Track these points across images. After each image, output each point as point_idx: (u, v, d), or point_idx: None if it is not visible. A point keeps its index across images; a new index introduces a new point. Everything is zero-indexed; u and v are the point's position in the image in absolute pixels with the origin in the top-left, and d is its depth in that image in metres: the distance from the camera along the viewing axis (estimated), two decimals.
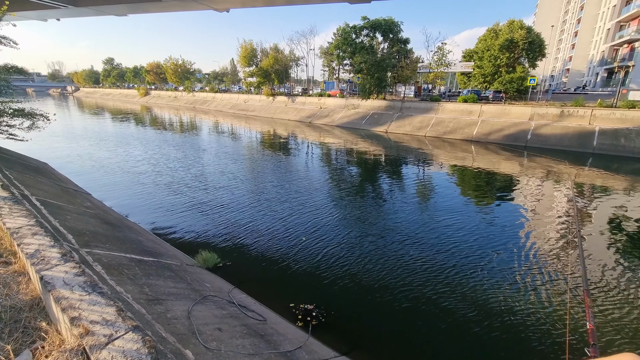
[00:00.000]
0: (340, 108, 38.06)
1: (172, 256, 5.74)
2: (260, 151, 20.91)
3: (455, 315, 5.50)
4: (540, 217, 10.36)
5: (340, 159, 19.59)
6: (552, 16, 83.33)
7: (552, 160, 19.20)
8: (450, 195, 12.54)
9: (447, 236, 8.53)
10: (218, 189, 12.14)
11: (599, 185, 14.35)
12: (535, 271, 6.94)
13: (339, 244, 7.89)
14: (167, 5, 13.19)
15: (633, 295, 6.16)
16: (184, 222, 8.95)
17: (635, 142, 20.80)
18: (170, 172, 14.26)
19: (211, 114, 47.33)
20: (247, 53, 49.05)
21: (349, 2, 11.71)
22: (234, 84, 70.71)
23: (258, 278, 6.41)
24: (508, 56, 33.33)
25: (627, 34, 43.55)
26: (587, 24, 63.63)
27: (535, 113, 25.43)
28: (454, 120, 28.50)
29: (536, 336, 5.07)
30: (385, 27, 40.39)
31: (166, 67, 69.52)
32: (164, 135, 25.87)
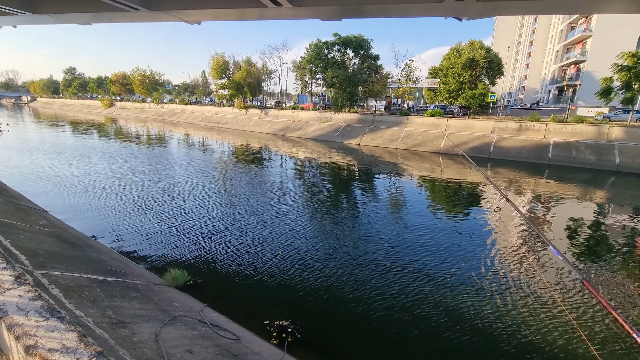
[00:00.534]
0: (314, 121, 38.48)
1: (138, 275, 5.43)
2: (232, 164, 20.55)
3: (429, 322, 5.60)
4: (503, 224, 10.91)
5: (314, 171, 19.68)
6: (508, 38, 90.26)
7: (513, 171, 20.44)
8: (420, 205, 12.93)
9: (418, 245, 8.75)
10: (188, 203, 11.73)
11: (556, 194, 15.41)
12: (501, 276, 7.26)
13: (314, 257, 7.85)
14: (135, 16, 12.85)
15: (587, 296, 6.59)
16: (151, 239, 8.53)
17: (584, 154, 22.66)
18: (137, 187, 13.62)
19: (181, 126, 46.09)
20: (219, 65, 48.66)
21: (320, 19, 11.95)
22: (205, 96, 69.56)
23: (231, 295, 6.20)
24: (470, 74, 35.51)
25: (573, 56, 47.99)
26: (539, 46, 69.49)
27: (497, 127, 27.09)
28: (423, 134, 29.67)
29: (503, 337, 5.27)
30: (356, 44, 41.75)
31: (133, 78, 67.25)
32: (130, 147, 24.79)
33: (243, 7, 11.17)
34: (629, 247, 9.40)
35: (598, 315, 5.94)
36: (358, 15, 11.89)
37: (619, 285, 7.08)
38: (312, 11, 11.33)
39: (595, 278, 7.34)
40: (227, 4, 11.05)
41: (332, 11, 11.16)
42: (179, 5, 11.41)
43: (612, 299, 6.52)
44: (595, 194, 15.96)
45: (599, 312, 6.05)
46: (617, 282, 7.21)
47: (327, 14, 11.67)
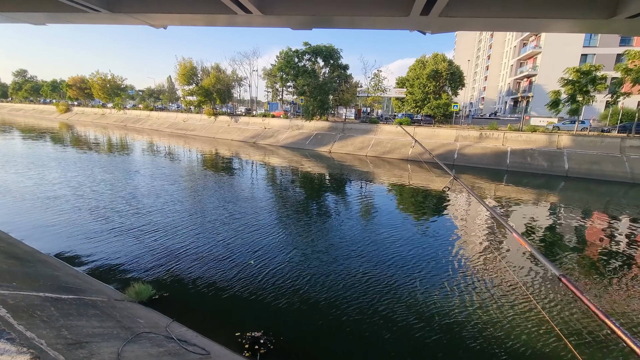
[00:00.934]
0: (285, 129, 38.42)
1: (97, 291, 5.08)
2: (201, 172, 19.94)
3: (403, 325, 5.71)
4: (468, 227, 11.45)
5: (286, 178, 19.58)
6: (468, 52, 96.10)
7: (476, 177, 21.57)
8: (390, 210, 13.25)
9: (389, 250, 8.94)
10: (153, 213, 11.19)
11: (515, 198, 16.44)
12: (471, 276, 7.58)
13: (287, 265, 7.76)
14: (95, 18, 12.26)
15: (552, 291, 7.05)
16: (113, 252, 8.02)
17: (538, 160, 24.44)
18: (96, 197, 12.80)
19: (146, 133, 44.12)
20: (187, 71, 47.34)
21: (291, 27, 12.06)
22: (172, 102, 67.22)
23: (201, 308, 5.96)
24: (434, 84, 37.30)
25: (525, 70, 51.94)
26: (496, 60, 74.54)
27: (460, 135, 28.55)
28: (392, 141, 30.58)
29: (471, 334, 5.48)
30: (326, 53, 42.51)
31: (92, 82, 63.56)
32: (89, 155, 23.31)
33: (212, 12, 11.02)
34: (582, 245, 10.21)
35: (570, 311, 6.36)
36: (328, 26, 12.13)
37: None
38: (283, 20, 11.42)
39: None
40: (195, 9, 10.86)
41: (303, 20, 11.32)
42: (143, 9, 11.04)
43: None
44: (548, 198, 17.21)
45: (572, 308, 6.47)
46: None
47: (298, 23, 11.82)
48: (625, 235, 11.55)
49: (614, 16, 8.96)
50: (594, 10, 9.05)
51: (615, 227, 12.49)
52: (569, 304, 6.61)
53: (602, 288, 7.45)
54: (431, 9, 9.05)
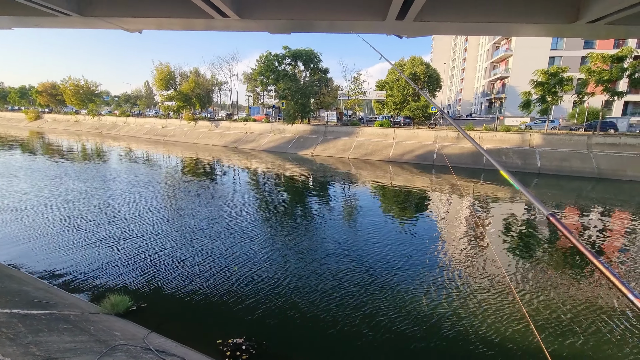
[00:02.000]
0: (267, 133, 38.21)
1: (70, 305, 4.87)
2: (181, 178, 19.50)
3: (388, 325, 5.75)
4: (450, 224, 11.72)
5: (269, 182, 19.45)
6: (444, 55, 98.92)
7: (454, 176, 22.14)
8: (374, 212, 13.39)
9: (373, 251, 9.01)
10: (130, 221, 10.84)
11: (492, 195, 16.98)
12: (452, 272, 7.75)
13: (268, 269, 7.70)
14: (65, 22, 11.85)
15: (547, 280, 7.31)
16: (87, 263, 7.70)
17: (512, 158, 25.38)
18: (68, 206, 12.28)
19: (122, 140, 42.79)
20: (164, 76, 46.34)
21: (269, 32, 12.08)
22: (149, 107, 65.53)
23: (181, 317, 5.81)
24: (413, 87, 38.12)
25: (499, 72, 54.00)
26: (471, 63, 77.07)
27: (438, 136, 29.26)
28: (373, 143, 30.97)
29: (457, 330, 5.61)
30: (306, 57, 42.67)
31: (64, 88, 61.13)
32: (61, 164, 22.36)
33: (189, 17, 10.88)
34: (555, 237, 10.66)
35: (545, 301, 6.60)
36: (306, 30, 12.22)
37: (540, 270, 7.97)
38: (261, 24, 11.42)
39: (522, 265, 8.18)
40: (171, 13, 10.69)
41: (281, 25, 11.35)
42: (117, 12, 10.78)
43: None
44: (523, 194, 17.84)
45: (548, 298, 6.72)
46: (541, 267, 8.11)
47: (276, 27, 11.84)
48: (595, 227, 12.14)
49: (575, 21, 9.49)
50: (558, 16, 9.55)
51: (585, 219, 13.11)
52: (546, 293, 6.88)
53: (576, 276, 7.80)
54: (406, 14, 9.29)
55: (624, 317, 6.18)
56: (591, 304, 6.62)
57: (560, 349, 5.31)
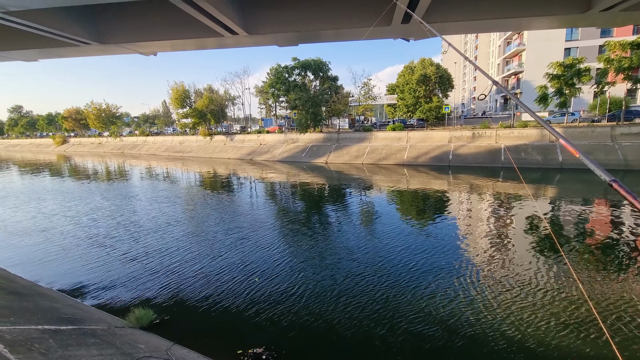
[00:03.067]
0: (280, 143, 38.68)
1: (97, 320, 5.04)
2: (200, 192, 19.97)
3: (411, 332, 5.62)
4: (471, 226, 11.42)
5: (285, 192, 19.61)
6: (454, 55, 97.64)
7: (472, 176, 21.65)
8: (392, 217, 13.23)
9: (395, 258, 8.85)
10: (152, 237, 11.16)
11: (512, 193, 16.47)
12: (480, 277, 7.53)
13: (287, 279, 7.71)
14: (86, 50, 12.54)
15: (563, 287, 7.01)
16: (112, 279, 7.97)
17: (532, 155, 24.60)
18: (94, 224, 12.78)
19: (143, 159, 44.34)
20: (179, 95, 47.98)
21: (278, 45, 12.37)
22: (167, 126, 67.83)
23: (203, 329, 5.90)
24: (424, 88, 37.83)
25: (512, 68, 52.81)
26: (482, 60, 75.80)
27: (453, 136, 28.78)
28: (387, 147, 30.78)
29: (490, 336, 5.42)
30: (315, 67, 43.25)
31: (87, 113, 64.29)
32: (86, 185, 23.37)
33: (200, 37, 11.30)
34: (588, 234, 10.19)
35: (582, 305, 6.32)
36: (313, 40, 12.43)
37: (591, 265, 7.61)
38: (269, 38, 11.71)
39: (573, 260, 7.84)
40: (183, 34, 11.13)
41: (289, 37, 11.60)
42: (133, 38, 11.33)
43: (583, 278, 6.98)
44: (547, 191, 17.24)
45: (581, 304, 6.43)
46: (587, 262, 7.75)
47: (284, 40, 12.11)
48: (627, 221, 11.54)
49: (588, 10, 9.24)
50: (569, 6, 9.33)
51: (615, 213, 12.49)
52: (587, 299, 6.58)
53: (616, 272, 7.41)
54: (411, 17, 9.31)
55: None
56: (633, 301, 6.26)
57: (592, 354, 5.04)
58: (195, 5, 8.00)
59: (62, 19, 9.45)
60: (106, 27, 10.80)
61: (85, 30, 10.42)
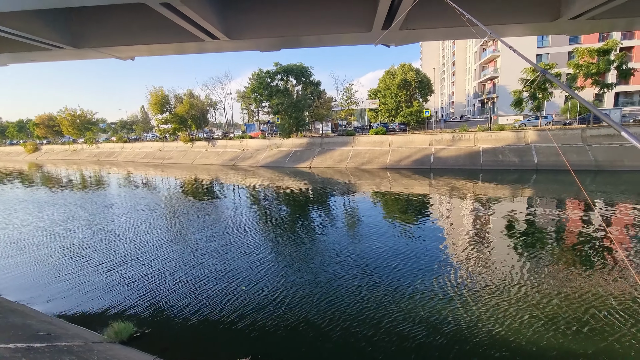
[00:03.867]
0: (263, 148, 38.42)
1: (73, 336, 4.80)
2: (180, 198, 19.49)
3: (397, 334, 5.65)
4: (452, 227, 11.66)
5: (269, 198, 19.44)
6: (433, 60, 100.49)
7: (453, 178, 22.18)
8: (377, 220, 13.31)
9: (380, 261, 8.88)
10: (130, 246, 10.78)
11: (492, 195, 16.96)
12: (463, 277, 7.67)
13: (272, 285, 7.62)
14: (60, 55, 12.09)
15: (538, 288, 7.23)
16: (88, 292, 7.63)
17: (509, 157, 25.47)
18: (69, 235, 12.24)
19: (121, 166, 42.97)
20: (159, 100, 46.89)
21: (260, 50, 12.32)
22: (146, 132, 66.09)
23: (185, 340, 5.72)
24: (405, 93, 38.64)
25: (488, 73, 54.75)
26: (460, 66, 78.23)
27: (434, 140, 29.44)
28: (370, 151, 31.11)
29: (474, 336, 5.52)
30: (297, 72, 43.38)
31: (61, 119, 61.80)
32: (60, 194, 22.39)
33: (180, 41, 11.11)
34: (562, 233, 10.60)
35: (565, 300, 6.52)
36: (296, 46, 12.46)
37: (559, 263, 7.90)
38: (251, 43, 11.64)
39: (536, 261, 8.11)
40: (162, 39, 10.92)
41: (271, 43, 11.58)
42: (109, 42, 11.01)
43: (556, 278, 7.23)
44: (524, 191, 17.86)
45: (564, 298, 6.64)
46: (557, 260, 8.04)
47: (266, 45, 12.08)
48: (606, 219, 12.09)
49: (558, 19, 9.70)
50: (540, 14, 9.77)
51: (591, 213, 13.07)
52: (561, 294, 6.81)
53: (592, 268, 7.72)
54: (391, 23, 9.50)
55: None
56: (603, 294, 6.54)
57: (566, 345, 5.22)
58: (174, 10, 7.87)
59: (34, 22, 9.09)
60: (81, 30, 10.45)
61: (58, 33, 10.05)
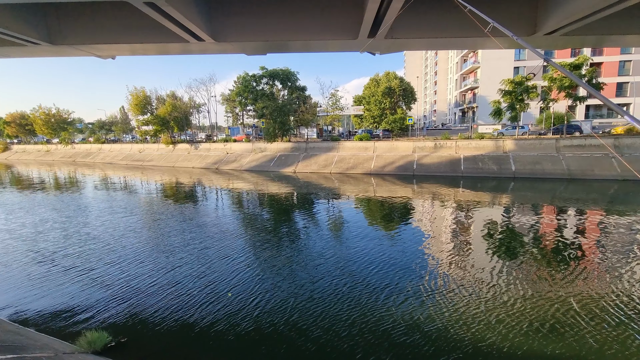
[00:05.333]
0: (248, 152, 38.05)
1: (42, 347, 4.54)
2: (160, 202, 18.95)
3: (385, 341, 5.67)
4: (435, 233, 11.86)
5: (253, 203, 19.21)
6: (417, 69, 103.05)
7: (435, 184, 22.65)
8: (361, 225, 13.37)
9: (363, 265, 8.92)
10: (106, 250, 10.36)
11: (472, 200, 17.41)
12: (445, 280, 7.79)
13: (256, 290, 7.49)
14: (35, 51, 11.63)
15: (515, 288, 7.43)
16: (60, 299, 7.26)
17: (488, 164, 26.27)
18: (40, 238, 11.64)
19: (98, 168, 41.47)
20: (140, 101, 45.66)
21: (246, 53, 12.27)
22: (125, 133, 64.18)
23: (164, 349, 5.52)
24: (389, 100, 39.32)
25: (469, 83, 56.59)
26: (442, 75, 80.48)
27: (417, 147, 30.02)
28: (354, 157, 31.37)
29: (458, 337, 5.59)
30: (283, 76, 43.43)
31: (34, 118, 59.20)
32: (31, 195, 21.33)
33: (163, 42, 10.90)
34: (538, 237, 10.97)
35: (541, 305, 6.70)
36: (282, 50, 12.46)
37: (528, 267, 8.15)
38: (237, 46, 11.56)
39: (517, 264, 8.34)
40: (145, 38, 10.69)
41: (257, 46, 11.54)
42: (89, 40, 10.69)
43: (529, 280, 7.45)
44: (502, 198, 18.44)
45: (544, 303, 6.83)
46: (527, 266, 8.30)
47: (252, 49, 12.02)
48: (571, 225, 12.62)
49: (534, 33, 10.14)
50: (518, 28, 10.18)
51: (562, 218, 13.62)
52: (540, 299, 7.01)
53: (562, 271, 8.01)
54: (377, 32, 9.68)
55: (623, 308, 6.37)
56: (580, 299, 6.79)
57: (546, 346, 5.38)
58: (159, 9, 7.73)
59: (7, 16, 8.70)
60: (58, 27, 10.10)
61: (34, 29, 9.67)
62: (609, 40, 11.47)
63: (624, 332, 5.76)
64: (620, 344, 5.45)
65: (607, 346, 5.41)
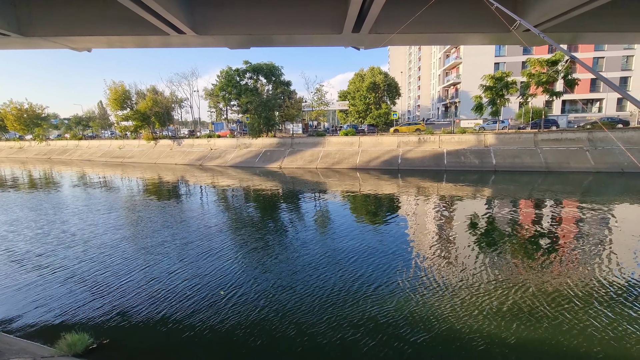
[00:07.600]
0: (232, 148, 37.53)
1: (18, 351, 4.38)
2: (142, 200, 18.47)
3: (376, 334, 5.75)
4: (419, 225, 12.08)
5: (238, 199, 19.00)
6: (401, 64, 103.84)
7: (419, 178, 23.02)
8: (347, 219, 13.44)
9: (351, 258, 9.00)
10: (84, 249, 10.04)
11: (455, 194, 17.80)
12: (429, 273, 7.95)
13: (242, 288, 7.45)
14: (4, 43, 10.97)
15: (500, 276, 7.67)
16: (37, 301, 7.00)
17: (470, 158, 26.90)
18: (14, 237, 11.16)
19: (75, 165, 39.99)
20: (119, 95, 44.15)
21: (229, 47, 12.01)
22: (104, 129, 62.02)
23: (148, 351, 5.43)
24: (374, 95, 39.51)
25: (451, 79, 57.50)
26: (425, 71, 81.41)
27: (401, 141, 30.38)
28: (340, 152, 31.46)
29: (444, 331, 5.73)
30: (267, 71, 42.89)
31: (5, 113, 56.34)
32: (4, 195, 20.39)
33: (142, 34, 10.53)
34: (517, 227, 11.35)
35: (522, 292, 6.93)
36: (266, 44, 12.27)
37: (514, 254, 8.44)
38: (219, 40, 11.31)
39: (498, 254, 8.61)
40: (122, 30, 10.31)
41: (240, 40, 11.32)
42: (62, 32, 10.23)
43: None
44: (484, 191, 18.94)
45: (524, 290, 7.06)
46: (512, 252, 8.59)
47: (235, 42, 11.79)
48: (548, 215, 13.11)
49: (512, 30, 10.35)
50: (497, 25, 10.40)
51: (541, 211, 14.12)
52: (522, 287, 7.27)
53: (540, 260, 8.32)
54: (361, 27, 9.67)
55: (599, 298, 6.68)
56: (555, 288, 7.09)
57: (523, 335, 5.60)
58: (137, 0, 7.45)
59: None
60: (29, 17, 9.60)
61: (2, 19, 9.16)
62: (583, 37, 11.88)
63: (599, 314, 6.06)
64: (595, 327, 5.73)
65: (579, 329, 5.68)
